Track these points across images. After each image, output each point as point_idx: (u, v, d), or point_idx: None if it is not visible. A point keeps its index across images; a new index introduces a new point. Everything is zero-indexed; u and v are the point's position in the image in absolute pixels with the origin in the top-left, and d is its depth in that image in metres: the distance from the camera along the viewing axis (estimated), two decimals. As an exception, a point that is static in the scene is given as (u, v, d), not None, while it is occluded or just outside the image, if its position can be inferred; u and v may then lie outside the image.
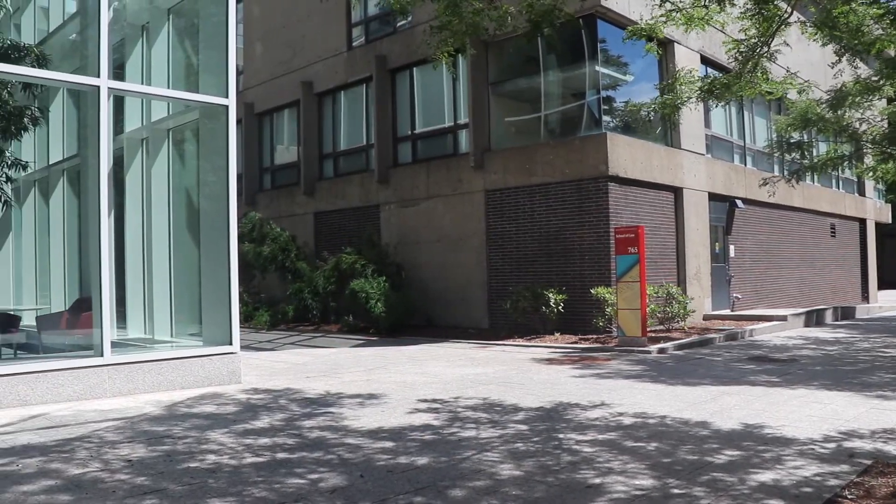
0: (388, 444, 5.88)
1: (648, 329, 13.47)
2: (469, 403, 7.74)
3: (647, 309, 13.43)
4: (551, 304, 14.32)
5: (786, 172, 19.27)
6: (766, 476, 4.90)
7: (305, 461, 5.36)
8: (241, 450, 5.72)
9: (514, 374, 9.97)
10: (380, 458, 5.46)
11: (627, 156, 15.15)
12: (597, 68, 15.29)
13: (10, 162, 13.65)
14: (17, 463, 5.33)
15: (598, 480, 4.84)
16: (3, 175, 13.73)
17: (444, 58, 11.54)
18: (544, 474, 4.99)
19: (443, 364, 11.20)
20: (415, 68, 18.33)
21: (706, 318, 17.13)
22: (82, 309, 9.81)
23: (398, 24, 19.04)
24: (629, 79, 16.75)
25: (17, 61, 12.26)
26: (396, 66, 18.78)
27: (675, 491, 4.61)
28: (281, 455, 5.55)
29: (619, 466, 5.17)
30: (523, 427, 6.53)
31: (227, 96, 9.30)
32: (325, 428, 6.55)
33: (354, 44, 20.28)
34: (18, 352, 10.02)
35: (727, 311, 17.93)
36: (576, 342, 13.68)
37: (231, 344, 9.12)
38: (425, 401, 7.92)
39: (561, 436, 6.16)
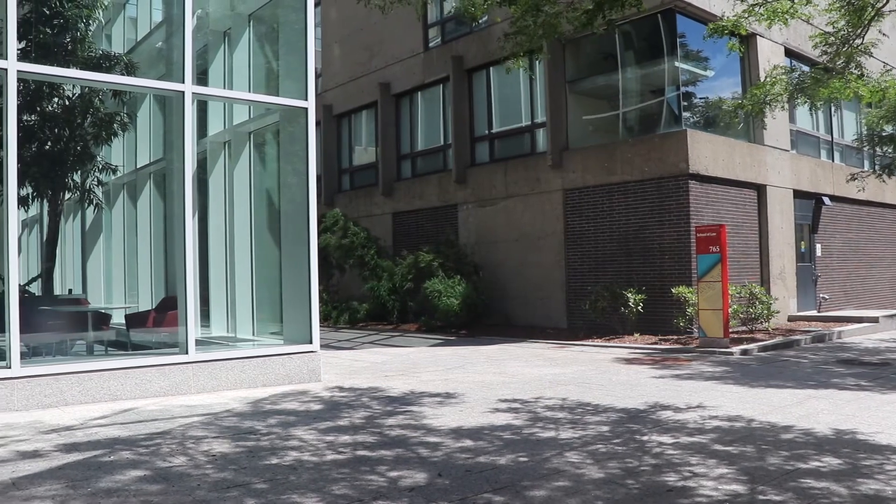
0: (468, 444, 5.87)
1: (730, 330, 13.15)
2: (548, 404, 7.69)
3: (730, 309, 13.11)
4: (630, 303, 14.12)
5: (877, 167, 18.55)
6: (864, 486, 4.72)
7: (385, 459, 5.40)
8: (321, 447, 5.80)
9: (593, 375, 9.86)
10: (459, 457, 5.45)
11: (708, 153, 14.82)
12: (676, 64, 15.01)
13: (100, 166, 14.16)
14: (110, 455, 5.51)
15: (681, 484, 4.74)
16: (95, 179, 14.25)
17: (518, 65, 11.47)
18: (625, 476, 4.91)
19: (521, 364, 11.15)
20: (491, 68, 18.30)
21: (791, 319, 16.63)
22: (168, 308, 10.09)
23: (474, 25, 19.04)
24: (709, 74, 16.39)
25: (107, 70, 12.71)
26: (473, 66, 18.79)
27: (765, 497, 4.47)
28: (361, 452, 5.60)
29: (704, 470, 5.05)
30: (604, 428, 6.44)
31: (306, 99, 9.45)
32: (405, 426, 6.59)
33: (431, 45, 20.37)
34: (109, 349, 10.38)
35: (813, 312, 17.36)
36: (655, 343, 13.45)
37: (311, 343, 9.25)
38: (504, 400, 7.90)
39: (643, 437, 6.05)
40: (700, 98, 16.29)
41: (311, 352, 9.27)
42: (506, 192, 17.79)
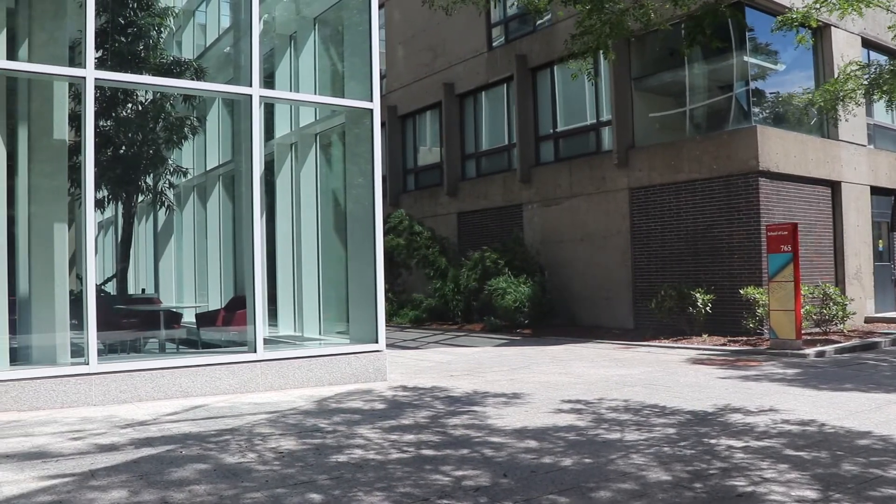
0: (532, 444, 5.85)
1: (803, 332, 12.81)
2: (614, 405, 7.61)
3: (802, 310, 12.77)
4: (698, 304, 13.87)
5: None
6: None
7: (450, 458, 5.41)
8: (386, 445, 5.84)
9: (660, 376, 9.72)
10: (523, 457, 5.44)
11: (779, 149, 14.47)
12: (745, 58, 14.70)
13: (172, 169, 14.53)
14: (181, 450, 5.65)
15: (751, 489, 4.64)
16: (166, 182, 14.63)
17: (584, 70, 11.30)
18: (692, 480, 4.83)
19: (586, 364, 11.06)
20: (555, 66, 18.18)
21: (868, 320, 16.12)
22: (237, 307, 10.29)
23: (538, 23, 18.95)
24: (780, 67, 16.00)
25: (178, 75, 13.03)
26: (537, 65, 18.71)
27: None
28: (426, 452, 5.62)
29: (775, 475, 4.93)
30: (670, 430, 6.34)
31: (371, 100, 9.53)
32: (469, 426, 6.59)
33: (494, 44, 20.34)
34: (180, 347, 10.64)
35: (893, 314, 16.79)
36: (724, 344, 13.19)
37: (377, 342, 9.33)
38: (569, 401, 7.84)
39: (711, 441, 5.94)
40: (771, 93, 15.92)
41: (377, 351, 9.35)
42: (571, 192, 17.66)
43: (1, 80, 7.73)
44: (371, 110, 9.55)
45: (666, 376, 9.71)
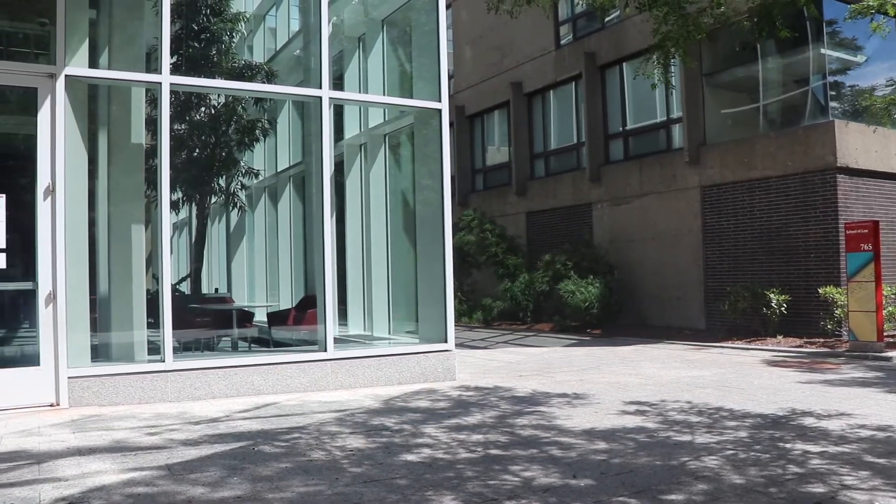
0: (601, 445, 5.78)
1: (885, 334, 12.37)
2: (684, 407, 7.47)
3: (884, 311, 12.34)
4: (772, 304, 13.54)
5: None
6: None
7: (518, 459, 5.38)
8: (455, 445, 5.84)
9: (732, 378, 9.50)
10: (592, 458, 5.38)
11: (859, 145, 14.01)
12: (822, 51, 14.28)
13: (243, 171, 14.82)
14: (254, 447, 5.75)
15: (830, 496, 4.49)
16: (238, 183, 14.93)
17: (664, 80, 11.03)
18: (768, 485, 4.70)
19: (657, 365, 10.89)
20: (624, 64, 17.96)
21: (955, 321, 15.49)
22: (308, 306, 10.44)
23: (606, 20, 18.74)
24: (861, 60, 15.49)
25: (249, 79, 13.30)
26: (606, 63, 18.52)
27: (921, 510, 4.18)
28: (494, 452, 5.61)
29: (856, 482, 4.77)
30: (743, 434, 6.19)
31: (439, 100, 9.55)
32: (537, 426, 6.55)
33: (562, 42, 20.21)
34: (252, 345, 10.83)
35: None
36: (800, 346, 12.84)
37: (446, 342, 9.35)
38: (638, 402, 7.73)
39: (786, 445, 5.78)
40: (850, 86, 15.42)
41: (447, 350, 9.36)
42: (641, 190, 17.42)
43: (83, 88, 7.98)
44: (439, 110, 9.57)
45: (739, 378, 9.50)
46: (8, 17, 8.58)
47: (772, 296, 13.59)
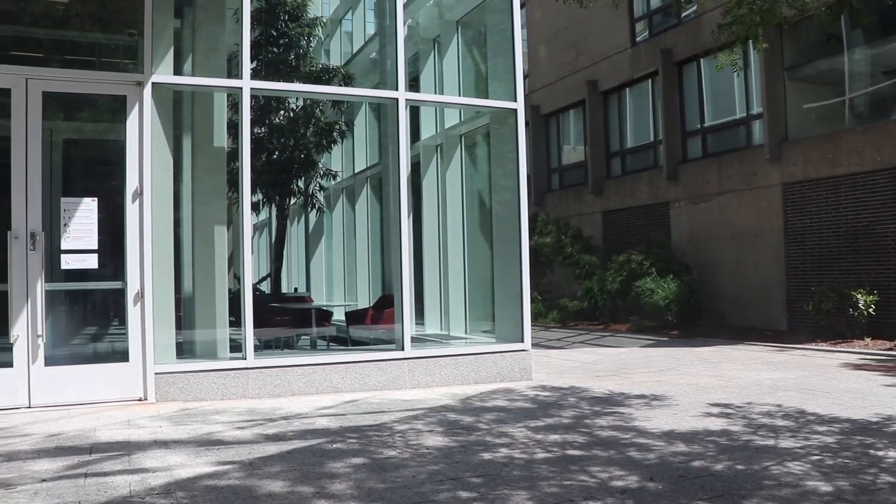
0: (681, 448, 5.70)
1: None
2: (766, 410, 7.30)
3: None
4: (860, 305, 13.10)
5: None
6: None
7: (595, 460, 5.35)
8: (532, 445, 5.84)
9: (816, 381, 9.24)
10: (671, 461, 5.31)
11: (954, 138, 13.45)
12: (916, 40, 13.74)
13: (322, 172, 15.07)
14: (332, 444, 5.86)
15: (921, 501, 4.34)
16: (317, 184, 15.19)
17: (731, 61, 10.79)
18: (858, 493, 4.56)
19: (737, 367, 10.66)
20: (702, 59, 17.63)
21: None
22: (385, 306, 10.55)
23: (683, 16, 18.43)
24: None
25: (326, 82, 13.51)
26: (683, 59, 18.21)
27: None
28: (571, 452, 5.58)
29: (948, 487, 4.60)
30: (829, 439, 6.01)
31: (515, 100, 9.54)
32: (615, 427, 6.50)
33: (638, 39, 19.97)
34: (331, 344, 11.01)
35: None
36: (890, 348, 12.38)
37: (523, 341, 9.34)
38: (719, 405, 7.59)
39: (877, 452, 5.58)
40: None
41: (523, 350, 9.35)
42: (719, 188, 17.07)
43: (168, 94, 8.24)
44: (515, 110, 9.56)
45: (823, 381, 9.22)
46: (100, 29, 8.93)
47: (859, 296, 13.15)
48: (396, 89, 9.04)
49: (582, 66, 21.65)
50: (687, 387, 8.84)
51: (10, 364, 7.28)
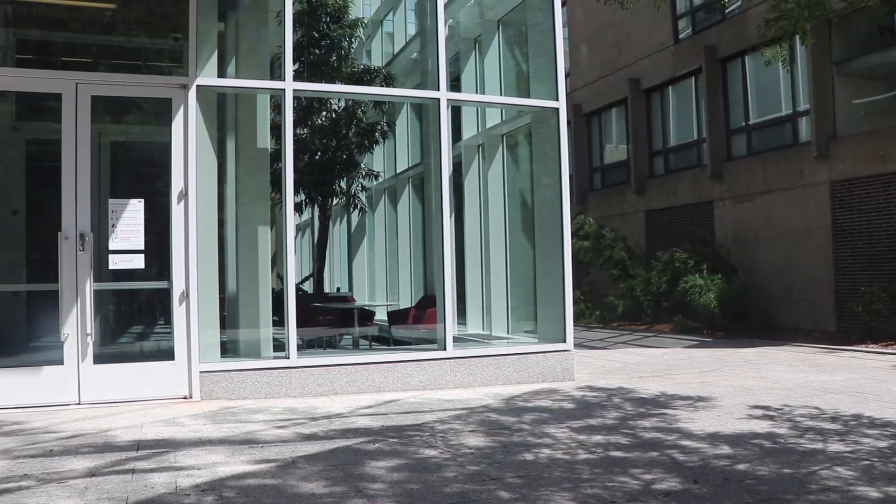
0: (725, 450, 5.62)
1: None
2: (813, 413, 7.16)
3: None
4: (913, 305, 12.80)
5: None
6: None
7: (639, 461, 5.30)
8: (573, 445, 5.81)
9: (867, 384, 9.04)
10: (716, 464, 5.24)
11: None
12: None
13: (363, 173, 15.15)
14: (374, 443, 5.89)
15: (976, 507, 4.23)
16: (359, 185, 15.27)
17: (778, 56, 10.61)
18: (907, 495, 4.46)
19: (783, 369, 10.49)
20: (747, 56, 17.36)
21: None
22: (427, 306, 10.57)
23: (727, 11, 18.18)
24: None
25: (368, 83, 13.57)
26: (727, 56, 17.95)
27: None
28: (613, 453, 5.54)
29: None
30: (882, 444, 5.88)
31: (556, 99, 9.50)
32: (659, 429, 6.43)
33: (681, 36, 19.74)
34: (373, 343, 11.06)
35: None
36: (944, 349, 12.10)
37: (565, 341, 9.29)
38: (764, 407, 7.47)
39: (928, 454, 5.45)
40: None
41: (565, 350, 9.31)
42: (765, 187, 16.81)
43: (212, 96, 8.36)
44: (557, 109, 9.51)
45: (874, 384, 9.02)
46: (146, 34, 9.09)
47: (912, 296, 12.87)
48: (438, 89, 9.05)
49: (624, 65, 21.47)
50: (731, 388, 8.71)
51: (60, 362, 7.45)
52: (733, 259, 17.31)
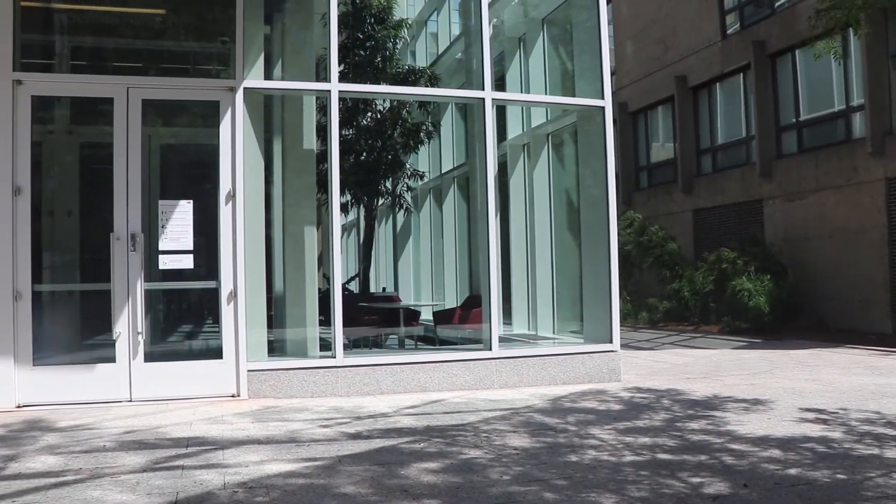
0: (776, 454, 5.51)
1: None
2: (868, 417, 6.99)
3: None
4: (972, 306, 12.44)
5: None
6: None
7: (686, 464, 5.23)
8: (620, 447, 5.75)
9: (924, 385, 8.81)
10: (766, 467, 5.14)
11: None
12: None
13: (409, 173, 15.19)
14: (419, 443, 5.90)
15: None
16: (404, 185, 15.32)
17: (830, 49, 10.37)
18: (967, 502, 4.33)
19: (837, 371, 10.26)
20: (797, 50, 17.02)
21: None
22: (472, 305, 10.56)
23: (776, 5, 17.86)
24: None
25: (413, 83, 13.61)
26: (776, 51, 17.63)
27: None
28: (661, 456, 5.47)
29: None
30: (939, 446, 5.72)
31: (602, 98, 9.41)
32: (707, 431, 6.34)
33: (729, 31, 19.43)
34: (418, 343, 11.08)
35: None
36: None
37: (611, 342, 9.21)
38: (816, 410, 7.31)
39: None
40: None
41: (612, 351, 9.23)
42: (816, 185, 16.47)
43: (259, 98, 8.45)
44: (602, 108, 9.42)
45: (932, 386, 8.79)
46: (194, 38, 9.24)
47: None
48: (482, 89, 9.03)
49: (670, 62, 21.21)
50: (782, 390, 8.55)
51: (112, 360, 7.61)
52: (784, 258, 17.00)
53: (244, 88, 8.07)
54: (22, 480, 4.85)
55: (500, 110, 11.59)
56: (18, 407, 7.33)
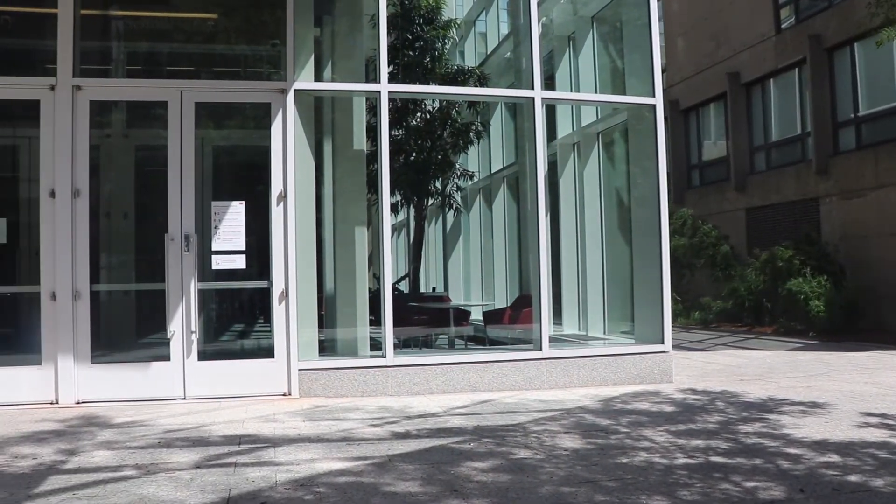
0: (834, 459, 5.38)
1: None
2: (932, 419, 6.80)
3: None
4: None
5: None
6: None
7: (741, 468, 5.13)
8: (672, 449, 5.67)
9: None
10: (824, 473, 5.02)
11: None
12: None
13: (458, 173, 15.19)
14: (469, 443, 5.89)
15: None
16: (454, 185, 15.33)
17: (893, 37, 10.09)
18: None
19: (897, 373, 9.99)
20: (856, 43, 16.60)
21: None
22: (523, 305, 10.52)
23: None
24: None
25: (462, 83, 13.61)
26: (833, 45, 17.21)
27: None
28: (714, 459, 5.39)
29: None
30: None
31: (653, 96, 9.31)
32: (762, 434, 6.22)
33: (783, 26, 19.06)
34: (468, 343, 11.08)
35: None
36: None
37: (663, 343, 9.10)
38: (877, 415, 7.12)
39: None
40: None
41: (663, 352, 9.11)
42: (876, 182, 16.04)
43: (309, 100, 8.53)
44: (654, 106, 9.31)
45: None
46: (245, 41, 9.37)
47: None
48: (532, 88, 9.00)
49: (722, 58, 20.87)
50: (840, 394, 8.35)
51: (167, 358, 7.75)
52: (840, 258, 16.59)
53: (295, 90, 8.15)
54: (82, 474, 4.97)
55: (550, 109, 11.53)
56: (77, 403, 7.52)
